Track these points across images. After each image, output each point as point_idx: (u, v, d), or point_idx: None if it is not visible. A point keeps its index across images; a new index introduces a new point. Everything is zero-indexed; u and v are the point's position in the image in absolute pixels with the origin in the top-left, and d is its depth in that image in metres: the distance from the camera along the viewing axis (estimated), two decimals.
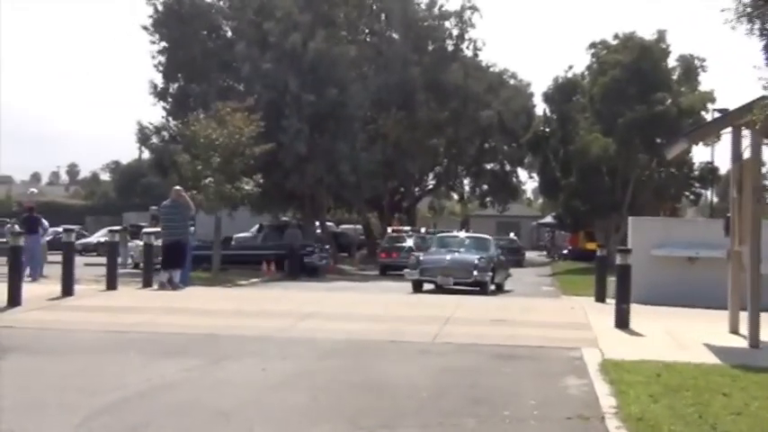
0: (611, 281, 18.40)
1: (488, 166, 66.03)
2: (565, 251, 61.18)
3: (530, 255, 65.66)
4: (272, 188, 40.58)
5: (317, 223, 47.83)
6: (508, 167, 65.83)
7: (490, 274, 26.67)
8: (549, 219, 70.30)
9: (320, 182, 43.19)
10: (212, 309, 16.19)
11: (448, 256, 27.30)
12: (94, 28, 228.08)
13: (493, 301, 20.63)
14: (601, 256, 20.91)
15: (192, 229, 52.87)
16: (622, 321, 14.24)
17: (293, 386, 9.27)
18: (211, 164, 30.25)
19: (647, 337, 13.32)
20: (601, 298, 19.78)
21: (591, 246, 45.90)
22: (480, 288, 25.97)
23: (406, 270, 27.71)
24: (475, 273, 26.23)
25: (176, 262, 20.86)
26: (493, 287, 27.19)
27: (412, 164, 53.59)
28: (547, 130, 52.61)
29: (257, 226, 44.67)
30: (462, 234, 33.35)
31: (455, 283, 26.19)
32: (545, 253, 72.64)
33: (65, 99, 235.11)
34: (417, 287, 26.68)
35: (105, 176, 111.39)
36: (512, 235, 65.37)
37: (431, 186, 68.18)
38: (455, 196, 74.60)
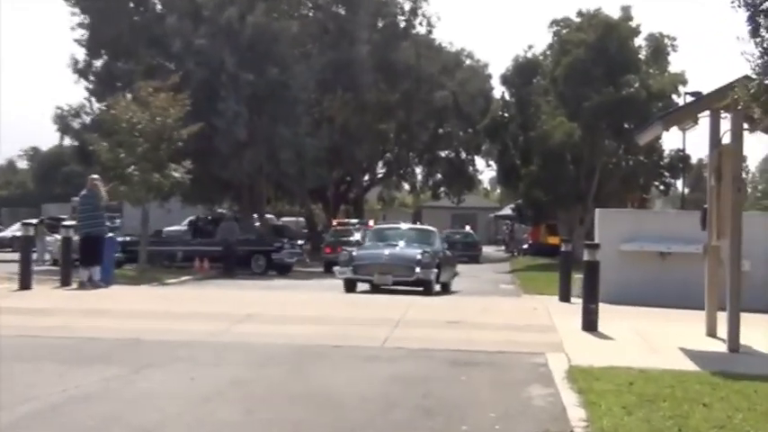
0: (577, 278, 18.36)
1: (443, 154, 66.26)
2: (525, 246, 61.36)
3: (487, 250, 65.91)
4: (205, 177, 40.16)
5: (256, 216, 47.42)
6: (464, 155, 66.07)
7: (435, 271, 25.36)
8: (507, 211, 70.53)
9: (260, 170, 42.84)
10: (137, 310, 15.90)
11: (386, 251, 25.87)
12: None
13: (448, 302, 20.61)
14: (565, 251, 20.85)
15: (119, 221, 52.04)
16: (590, 323, 14.14)
17: (225, 398, 9.02)
18: (135, 151, 29.74)
19: (617, 341, 13.23)
20: (565, 297, 19.76)
21: (553, 240, 46.16)
22: (424, 288, 24.72)
23: (337, 268, 26.18)
24: (417, 270, 24.89)
25: (94, 258, 20.53)
26: (438, 287, 26.02)
27: (360, 150, 53.48)
28: (505, 114, 52.64)
29: (189, 219, 44.29)
30: (403, 225, 32.32)
31: (394, 283, 24.85)
32: (503, 248, 72.82)
33: None
34: (350, 287, 25.26)
35: (23, 164, 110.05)
36: (467, 228, 65.41)
37: (381, 175, 68.15)
38: (407, 186, 74.66)
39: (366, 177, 66.40)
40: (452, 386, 9.73)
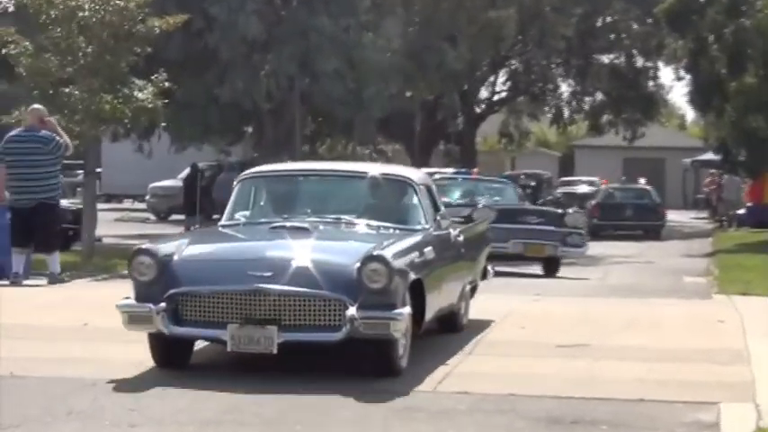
0: None
1: (604, 59, 65.49)
2: (741, 211, 60.26)
3: (677, 217, 65.92)
4: (203, 100, 39.98)
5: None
6: (640, 61, 65.24)
7: (404, 314, 13.66)
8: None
9: (289, 89, 42.36)
10: (29, 325, 15.73)
11: (270, 249, 14.85)
12: None
13: (575, 305, 20.20)
14: None
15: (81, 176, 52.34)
16: None
17: None
18: (76, 56, 29.34)
19: None
20: None
21: None
22: (374, 360, 13.84)
23: (125, 302, 14.30)
24: (351, 312, 13.47)
25: (43, 238, 21.38)
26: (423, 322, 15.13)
27: (458, 56, 52.50)
28: None
29: (189, 168, 44.72)
30: (340, 168, 16.89)
31: (285, 345, 13.79)
32: (707, 213, 71.71)
33: None
34: (168, 355, 14.51)
35: None
36: (642, 182, 64.34)
37: (502, 96, 67.75)
38: (548, 114, 74.01)
39: (476, 101, 65.99)
40: None
